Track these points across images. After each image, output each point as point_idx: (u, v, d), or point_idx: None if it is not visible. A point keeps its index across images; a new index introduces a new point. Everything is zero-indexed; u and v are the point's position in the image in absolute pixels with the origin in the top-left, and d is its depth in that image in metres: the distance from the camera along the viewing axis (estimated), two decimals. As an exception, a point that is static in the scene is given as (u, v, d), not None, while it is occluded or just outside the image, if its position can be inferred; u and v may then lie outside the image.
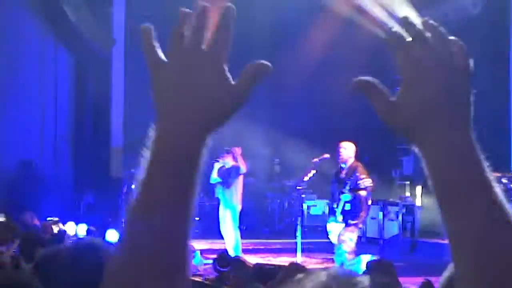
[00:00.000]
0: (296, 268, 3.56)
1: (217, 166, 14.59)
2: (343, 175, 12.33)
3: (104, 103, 21.80)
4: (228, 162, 14.52)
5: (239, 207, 14.50)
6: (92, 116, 22.06)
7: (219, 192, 14.90)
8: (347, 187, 12.13)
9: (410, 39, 1.48)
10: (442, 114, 1.42)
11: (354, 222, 12.07)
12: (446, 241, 1.38)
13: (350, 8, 21.24)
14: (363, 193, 12.10)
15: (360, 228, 12.47)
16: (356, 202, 12.08)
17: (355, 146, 12.56)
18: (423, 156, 1.43)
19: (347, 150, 12.37)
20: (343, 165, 12.37)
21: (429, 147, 1.42)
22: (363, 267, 12.14)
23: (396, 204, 18.08)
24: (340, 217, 12.13)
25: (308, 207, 20.06)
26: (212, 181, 14.77)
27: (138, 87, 21.32)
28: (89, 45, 20.66)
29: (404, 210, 17.82)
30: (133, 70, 21.47)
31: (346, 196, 12.09)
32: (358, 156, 12.89)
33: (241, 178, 14.64)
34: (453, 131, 1.42)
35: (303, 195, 14.65)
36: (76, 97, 22.00)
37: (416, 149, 1.45)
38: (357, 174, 12.12)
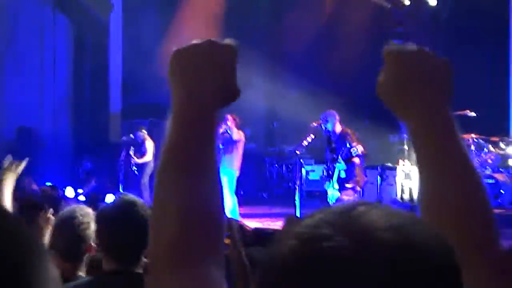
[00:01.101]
0: (295, 218, 3.58)
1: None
2: (333, 144, 12.37)
3: (102, 69, 21.75)
4: (230, 128, 14.48)
5: (237, 173, 14.53)
6: (90, 82, 22.02)
7: (219, 156, 14.93)
8: (340, 157, 12.15)
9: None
10: (417, 88, 1.61)
11: (350, 186, 12.12)
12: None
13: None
14: (356, 160, 12.14)
15: (357, 191, 12.50)
16: (351, 169, 12.13)
17: (337, 114, 12.56)
18: (405, 126, 1.61)
19: (329, 120, 12.39)
20: (331, 134, 12.41)
21: (408, 119, 1.61)
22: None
23: (395, 169, 18.10)
24: (336, 185, 12.19)
25: (307, 172, 20.07)
26: (212, 146, 14.78)
27: (136, 52, 21.33)
28: (87, 11, 20.58)
29: (402, 175, 17.85)
30: (131, 35, 21.40)
31: (340, 166, 12.13)
32: (357, 121, 12.89)
33: (241, 144, 14.62)
34: (428, 106, 1.61)
35: (302, 160, 14.64)
36: (75, 63, 21.94)
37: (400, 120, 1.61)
38: (347, 142, 12.14)
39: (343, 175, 12.11)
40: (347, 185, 12.14)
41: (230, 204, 14.32)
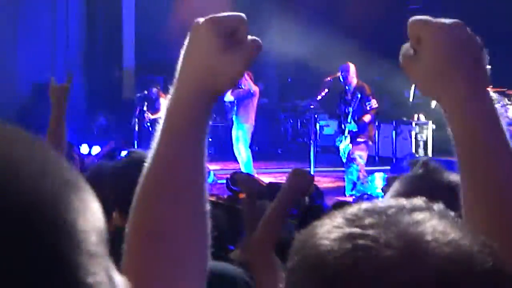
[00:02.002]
0: (300, 172, 3.59)
1: (232, 85, 14.59)
2: (349, 96, 12.31)
3: (115, 25, 21.68)
4: (243, 82, 14.44)
5: (251, 128, 14.52)
6: (103, 38, 21.98)
7: (232, 113, 14.92)
8: (351, 110, 12.11)
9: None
10: (462, 74, 1.41)
11: (362, 140, 12.11)
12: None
13: None
14: (367, 118, 12.11)
15: (369, 145, 12.50)
16: (363, 123, 12.11)
17: (355, 66, 12.48)
18: (443, 110, 1.45)
19: (346, 71, 12.33)
20: (347, 87, 12.34)
21: (447, 103, 1.43)
22: (377, 184, 12.22)
23: (409, 123, 18.06)
24: (348, 139, 12.17)
25: (321, 127, 20.03)
26: (226, 99, 14.76)
27: (148, 8, 21.23)
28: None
29: (417, 129, 17.82)
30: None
31: (351, 126, 12.10)
32: (369, 76, 12.85)
33: (255, 98, 14.60)
34: (468, 90, 1.41)
35: (316, 115, 14.63)
36: (88, 20, 21.89)
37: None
38: (364, 95, 12.09)
39: (355, 128, 12.09)
40: (359, 139, 12.13)
41: (245, 158, 14.34)
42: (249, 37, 1.52)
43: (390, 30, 20.17)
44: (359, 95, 12.06)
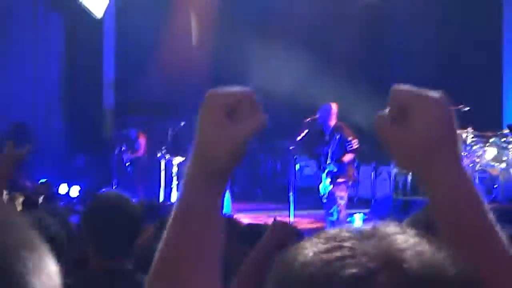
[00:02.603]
0: (281, 225, 3.57)
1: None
2: (327, 137, 12.30)
3: (95, 65, 21.71)
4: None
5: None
6: (84, 77, 21.96)
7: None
8: (330, 152, 12.08)
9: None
10: (441, 147, 1.39)
11: (342, 180, 12.08)
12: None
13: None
14: (347, 157, 12.08)
15: (349, 186, 12.47)
16: (342, 164, 12.08)
17: (337, 106, 12.49)
18: (421, 182, 1.43)
19: (327, 111, 12.32)
20: (326, 128, 12.35)
21: (429, 177, 1.41)
22: (357, 225, 12.20)
23: (388, 164, 18.11)
24: (328, 180, 12.14)
25: (301, 168, 20.05)
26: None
27: (129, 47, 21.29)
28: (80, 6, 20.51)
29: (396, 170, 17.87)
30: (125, 31, 21.36)
31: (331, 167, 12.07)
32: (349, 116, 12.86)
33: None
34: (448, 164, 1.39)
35: (296, 156, 14.64)
36: (68, 59, 21.89)
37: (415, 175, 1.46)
38: (343, 136, 12.08)
39: (334, 169, 12.07)
40: (339, 180, 12.10)
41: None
42: (256, 110, 1.58)
43: (368, 71, 20.40)
44: (337, 136, 12.06)
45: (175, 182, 15.96)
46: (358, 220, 12.58)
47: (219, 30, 22.17)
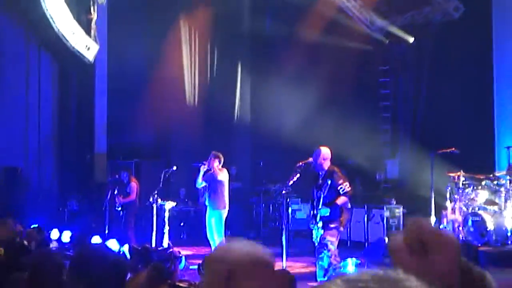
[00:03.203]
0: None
1: (203, 169, 14.54)
2: (320, 181, 12.27)
3: (87, 109, 21.75)
4: (213, 167, 14.47)
5: (225, 212, 14.45)
6: (75, 121, 22.00)
7: (205, 197, 14.88)
8: (322, 196, 12.05)
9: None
10: None
11: (334, 225, 12.03)
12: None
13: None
14: (340, 200, 12.02)
15: (340, 231, 12.40)
16: (335, 208, 12.02)
17: (330, 150, 12.47)
18: None
19: (320, 155, 12.30)
20: (319, 172, 12.31)
21: None
22: (350, 270, 12.15)
23: (381, 208, 18.11)
24: (320, 224, 12.09)
25: (293, 211, 20.03)
26: (198, 185, 14.80)
27: (121, 91, 21.35)
28: (72, 50, 20.61)
29: (389, 213, 17.86)
30: (116, 75, 21.43)
31: (323, 211, 12.03)
32: (341, 160, 12.85)
33: (226, 182, 14.58)
34: None
35: (288, 199, 14.63)
36: (60, 103, 21.94)
37: None
38: (334, 180, 12.04)
39: (326, 213, 12.02)
40: (331, 225, 12.05)
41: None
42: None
43: (360, 114, 20.48)
44: (329, 181, 12.04)
45: (166, 227, 15.89)
46: (351, 265, 12.51)
47: (212, 70, 22.30)
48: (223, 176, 14.57)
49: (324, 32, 21.77)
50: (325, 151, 12.30)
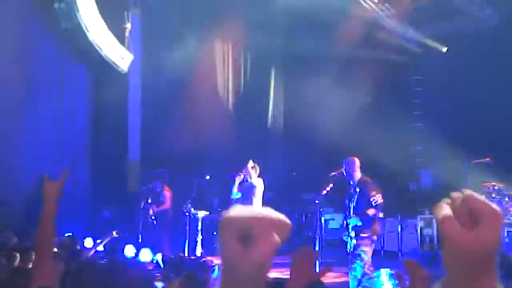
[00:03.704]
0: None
1: (238, 180, 14.45)
2: (352, 191, 12.21)
3: (121, 118, 21.87)
4: (249, 173, 14.37)
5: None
6: (109, 131, 22.12)
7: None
8: (353, 206, 11.99)
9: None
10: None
11: (366, 235, 11.97)
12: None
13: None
14: (371, 211, 11.96)
15: (374, 241, 12.34)
16: (367, 218, 11.96)
17: (362, 159, 12.40)
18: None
19: (350, 166, 12.24)
20: (351, 182, 12.25)
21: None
22: (383, 280, 12.10)
23: (415, 218, 18.01)
24: (352, 233, 12.04)
25: (326, 221, 19.93)
26: (233, 196, 14.61)
27: (155, 101, 21.46)
28: (106, 60, 20.76)
29: (422, 223, 17.75)
30: (150, 85, 21.55)
31: (353, 221, 11.97)
32: (374, 169, 12.80)
33: (259, 191, 14.49)
34: None
35: (321, 209, 14.56)
36: (94, 112, 22.09)
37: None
38: (366, 191, 11.97)
39: (359, 223, 11.97)
40: (362, 234, 11.99)
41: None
42: (270, 231, 1.56)
43: (391, 124, 20.39)
44: (359, 189, 11.99)
45: (199, 236, 15.91)
46: (384, 275, 12.45)
47: (245, 79, 22.32)
48: (259, 184, 14.47)
49: (358, 41, 21.73)
50: (355, 161, 12.27)
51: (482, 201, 1.50)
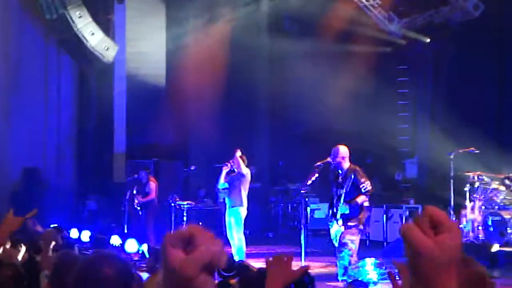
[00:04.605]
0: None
1: (225, 170, 14.40)
2: (340, 179, 12.19)
3: (107, 109, 21.83)
4: (237, 162, 14.31)
5: (244, 212, 14.35)
6: (95, 121, 22.07)
7: (225, 196, 14.75)
8: (343, 193, 11.99)
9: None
10: None
11: (353, 223, 11.98)
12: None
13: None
14: (361, 199, 11.97)
15: (361, 230, 12.34)
16: (355, 206, 11.96)
17: (348, 148, 12.39)
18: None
19: (338, 154, 12.22)
20: (339, 171, 12.24)
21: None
22: (368, 269, 12.12)
23: (400, 207, 18.06)
24: (340, 221, 12.04)
25: (312, 211, 20.02)
26: (219, 186, 14.55)
27: (140, 92, 21.41)
28: (91, 51, 20.68)
29: (407, 213, 17.81)
30: (135, 75, 21.50)
31: (343, 209, 11.96)
32: (360, 159, 12.81)
33: (246, 180, 14.43)
34: None
35: (307, 199, 14.59)
36: (79, 103, 22.03)
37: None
38: (357, 178, 11.97)
39: (346, 211, 11.97)
40: (350, 223, 12.00)
41: (237, 243, 14.19)
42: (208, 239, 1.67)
43: (379, 114, 20.42)
44: (352, 176, 11.97)
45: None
46: (369, 264, 12.48)
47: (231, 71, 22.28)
48: (247, 174, 14.43)
49: (343, 31, 21.72)
50: (343, 150, 12.24)
51: (442, 212, 1.62)
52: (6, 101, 19.69)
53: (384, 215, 18.08)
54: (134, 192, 17.81)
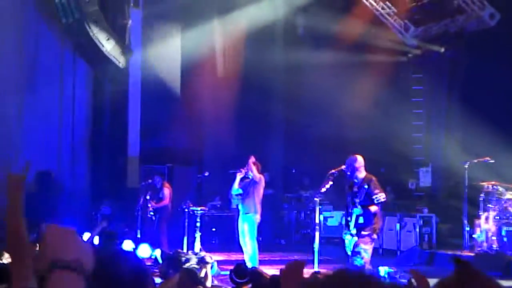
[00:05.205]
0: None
1: (239, 176, 14.34)
2: (356, 189, 12.17)
3: (121, 113, 21.85)
4: (251, 169, 14.27)
5: (258, 218, 14.30)
6: (109, 125, 22.10)
7: (238, 202, 14.67)
8: (358, 201, 11.95)
9: None
10: None
11: (367, 233, 11.95)
12: (464, 253, 1.52)
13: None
14: (373, 208, 11.94)
15: (374, 239, 12.31)
16: (368, 215, 11.93)
17: (363, 158, 12.35)
18: None
19: (353, 163, 12.19)
20: (355, 180, 12.21)
21: None
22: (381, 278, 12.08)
23: (414, 216, 18.01)
24: (354, 231, 12.02)
25: (325, 218, 19.99)
26: (233, 192, 14.46)
27: (155, 97, 21.43)
28: (106, 55, 20.73)
29: (421, 222, 17.75)
30: (150, 80, 21.53)
31: (357, 210, 11.94)
32: (374, 168, 12.78)
33: (260, 187, 14.39)
34: None
35: (320, 206, 14.54)
36: (94, 107, 22.06)
37: None
38: (371, 188, 11.93)
39: (361, 221, 11.95)
40: (363, 232, 11.97)
41: (250, 250, 14.15)
42: None
43: (393, 123, 20.39)
44: (366, 186, 11.94)
45: (198, 232, 15.89)
46: (382, 273, 12.45)
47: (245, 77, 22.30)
48: (261, 180, 14.39)
49: (359, 39, 21.70)
50: (359, 159, 12.23)
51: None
52: (21, 104, 19.75)
53: (398, 224, 18.02)
54: (148, 197, 17.82)
